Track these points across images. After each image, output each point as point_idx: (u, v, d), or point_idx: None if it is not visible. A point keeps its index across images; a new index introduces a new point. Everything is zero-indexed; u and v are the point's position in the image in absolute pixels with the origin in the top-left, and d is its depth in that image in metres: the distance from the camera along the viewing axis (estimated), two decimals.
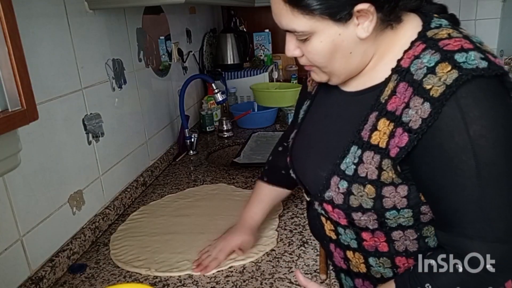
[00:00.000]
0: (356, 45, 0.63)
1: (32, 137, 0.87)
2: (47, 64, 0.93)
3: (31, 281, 0.84)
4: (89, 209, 1.08)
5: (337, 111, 0.74)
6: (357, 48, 0.64)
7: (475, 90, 0.54)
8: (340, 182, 0.66)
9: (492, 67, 0.54)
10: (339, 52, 0.64)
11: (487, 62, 0.55)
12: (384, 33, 0.64)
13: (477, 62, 0.54)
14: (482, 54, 0.56)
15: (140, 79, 1.41)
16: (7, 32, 0.58)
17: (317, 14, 0.60)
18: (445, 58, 0.56)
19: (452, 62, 0.55)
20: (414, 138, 0.57)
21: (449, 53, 0.56)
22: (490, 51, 0.58)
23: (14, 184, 0.82)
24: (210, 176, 1.43)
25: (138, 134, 1.40)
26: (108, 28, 1.21)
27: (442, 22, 0.64)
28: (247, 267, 0.90)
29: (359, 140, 0.65)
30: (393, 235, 0.67)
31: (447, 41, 0.58)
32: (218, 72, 2.26)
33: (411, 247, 0.67)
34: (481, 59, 0.55)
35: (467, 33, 0.62)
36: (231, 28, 2.45)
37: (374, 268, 0.72)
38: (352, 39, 0.63)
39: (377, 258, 0.70)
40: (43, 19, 0.92)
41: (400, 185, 0.62)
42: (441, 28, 0.62)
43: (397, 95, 0.61)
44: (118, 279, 0.90)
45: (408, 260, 0.69)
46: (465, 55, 0.55)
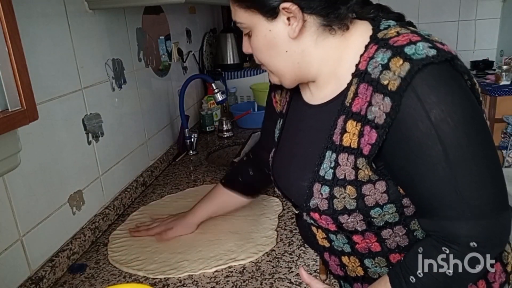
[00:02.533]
0: (290, 44, 0.66)
1: (32, 137, 0.87)
2: (47, 64, 0.93)
3: (31, 281, 0.84)
4: (89, 209, 1.08)
5: (309, 124, 0.76)
6: (292, 47, 0.67)
7: (429, 77, 0.57)
8: (322, 188, 0.68)
9: (440, 54, 0.57)
10: (274, 49, 0.68)
11: (435, 50, 0.57)
12: (326, 39, 0.67)
13: (426, 51, 0.57)
14: (430, 43, 0.58)
15: (140, 79, 1.41)
16: (7, 32, 0.58)
17: (248, 6, 0.66)
18: (396, 53, 0.59)
19: (403, 56, 0.58)
20: (382, 132, 0.59)
21: (399, 48, 0.59)
22: (438, 40, 0.61)
23: (14, 184, 0.82)
24: (210, 176, 1.43)
25: (138, 134, 1.40)
26: (108, 28, 1.21)
27: (390, 23, 0.67)
28: (247, 267, 0.90)
29: (332, 144, 0.67)
30: (383, 234, 0.68)
31: (396, 38, 0.61)
32: (218, 72, 2.26)
33: (402, 243, 0.69)
34: (429, 48, 0.58)
35: (414, 29, 0.65)
36: (231, 28, 2.45)
37: (371, 269, 0.73)
38: (284, 37, 0.66)
39: (372, 259, 0.71)
40: (43, 19, 0.92)
41: (377, 181, 0.64)
42: (389, 28, 0.65)
43: (359, 96, 0.63)
44: (118, 279, 0.90)
45: (401, 256, 0.70)
46: (413, 47, 0.58)
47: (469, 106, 0.58)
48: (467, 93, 0.59)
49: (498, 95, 2.51)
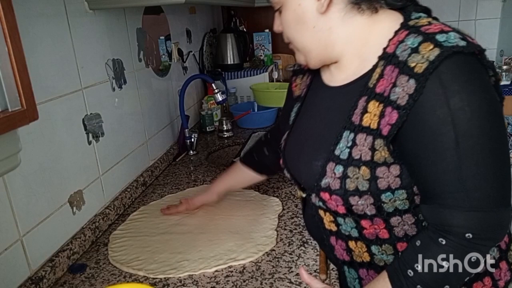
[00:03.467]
0: (317, 20, 0.68)
1: (32, 137, 0.87)
2: (47, 64, 0.93)
3: (31, 281, 0.84)
4: (89, 209, 1.08)
5: (327, 105, 0.76)
6: (320, 23, 0.68)
7: (455, 65, 0.58)
8: (335, 167, 0.68)
9: (470, 45, 0.58)
10: (302, 25, 0.70)
11: (466, 41, 0.58)
12: (353, 17, 0.68)
13: (457, 41, 0.58)
14: (461, 35, 0.60)
15: (140, 79, 1.41)
16: (7, 32, 0.58)
17: None
18: (427, 38, 0.60)
19: (434, 41, 0.59)
20: (403, 114, 0.60)
21: (430, 34, 0.60)
22: (468, 34, 0.61)
23: (14, 184, 0.82)
24: (210, 176, 1.43)
25: (138, 134, 1.40)
26: (108, 28, 1.21)
27: (421, 14, 0.68)
28: (247, 267, 0.90)
29: (351, 124, 0.67)
30: (391, 221, 0.68)
31: (428, 26, 0.62)
32: (218, 72, 2.26)
33: (410, 232, 0.68)
34: (460, 39, 0.59)
35: (443, 23, 0.65)
36: (231, 28, 2.45)
37: (377, 256, 0.72)
38: (312, 12, 0.68)
39: (379, 245, 0.71)
40: (43, 19, 0.92)
41: (392, 164, 0.64)
42: (421, 18, 0.66)
43: (384, 78, 0.63)
44: (118, 279, 0.90)
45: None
46: (445, 35, 0.59)
47: (488, 100, 0.58)
48: (488, 87, 0.59)
49: None
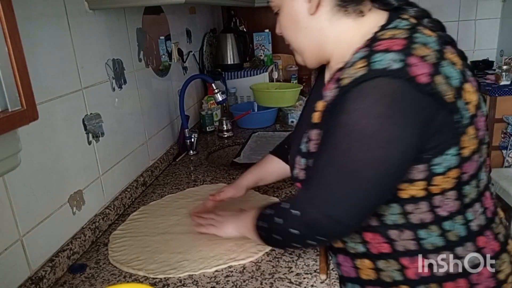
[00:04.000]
0: (309, 21, 0.73)
1: (32, 137, 0.87)
2: (47, 64, 0.93)
3: (31, 281, 0.84)
4: (89, 209, 1.08)
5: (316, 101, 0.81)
6: (311, 24, 0.73)
7: (367, 88, 0.62)
8: (300, 160, 0.77)
9: (401, 71, 0.60)
10: (296, 25, 0.75)
11: (401, 65, 0.60)
12: (340, 19, 0.72)
13: (389, 63, 0.60)
14: (405, 56, 0.61)
15: (140, 79, 1.41)
16: (7, 32, 0.58)
17: None
18: (366, 55, 0.63)
19: (368, 60, 0.62)
20: (324, 114, 0.71)
21: (372, 52, 0.63)
22: (423, 55, 0.62)
23: (14, 184, 0.82)
24: (210, 176, 1.43)
25: (138, 134, 1.40)
26: (108, 28, 1.21)
27: (402, 23, 0.68)
28: (247, 267, 0.90)
29: (309, 121, 0.75)
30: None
31: (384, 42, 0.64)
32: (218, 72, 2.26)
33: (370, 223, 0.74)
34: (396, 62, 0.60)
35: (416, 36, 0.65)
36: (231, 28, 2.45)
37: (348, 244, 0.77)
38: (304, 14, 0.73)
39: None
40: (43, 19, 0.92)
41: None
42: (393, 30, 0.67)
43: (331, 81, 0.71)
44: (118, 279, 0.90)
45: (369, 234, 0.74)
46: (383, 55, 0.62)
47: (373, 128, 0.62)
48: (389, 115, 0.61)
49: (498, 95, 2.51)
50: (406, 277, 0.72)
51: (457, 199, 0.68)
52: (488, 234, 0.72)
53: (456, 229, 0.69)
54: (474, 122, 0.66)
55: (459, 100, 0.63)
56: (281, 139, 1.14)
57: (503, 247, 0.74)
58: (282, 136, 1.82)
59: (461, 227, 0.69)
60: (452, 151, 0.64)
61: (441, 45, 0.66)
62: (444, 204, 0.68)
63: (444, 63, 0.63)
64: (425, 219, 0.69)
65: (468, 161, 0.66)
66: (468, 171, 0.67)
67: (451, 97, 0.62)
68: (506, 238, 0.75)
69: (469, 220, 0.70)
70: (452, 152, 0.65)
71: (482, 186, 0.72)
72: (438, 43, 0.66)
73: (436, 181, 0.66)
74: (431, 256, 0.70)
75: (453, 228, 0.69)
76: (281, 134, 1.84)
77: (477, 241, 0.70)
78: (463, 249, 0.70)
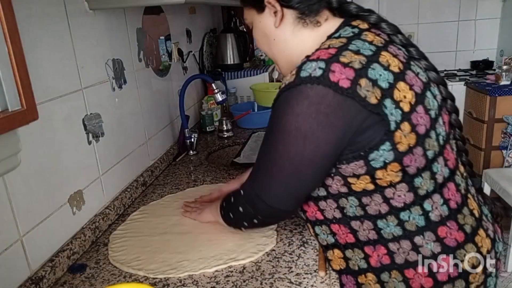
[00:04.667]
0: (275, 33, 0.81)
1: (32, 137, 0.87)
2: (47, 64, 0.93)
3: (31, 281, 0.84)
4: (89, 209, 1.08)
5: None
6: (278, 35, 0.81)
7: (293, 92, 0.70)
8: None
9: (321, 78, 0.68)
10: (265, 37, 0.83)
11: (321, 73, 0.68)
12: (300, 30, 0.80)
13: (311, 71, 0.68)
14: (327, 64, 0.68)
15: (140, 79, 1.41)
16: (7, 32, 0.58)
17: (246, 5, 0.84)
18: (301, 64, 0.71)
19: (299, 68, 0.71)
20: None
21: (306, 61, 0.71)
22: (347, 62, 0.69)
23: (14, 184, 0.82)
24: (210, 176, 1.43)
25: (138, 134, 1.40)
26: (108, 28, 1.21)
27: (346, 31, 0.76)
28: (247, 267, 0.90)
29: None
30: (320, 204, 0.81)
31: (319, 52, 0.72)
32: (218, 72, 2.26)
33: (337, 214, 0.80)
34: (319, 69, 0.68)
35: (361, 43, 0.72)
36: (231, 28, 2.45)
37: (320, 236, 0.84)
38: (271, 27, 0.81)
39: (320, 226, 0.83)
40: (43, 19, 0.92)
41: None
42: (334, 39, 0.75)
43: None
44: (118, 279, 0.90)
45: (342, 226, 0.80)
46: (310, 64, 0.70)
47: (292, 125, 0.71)
48: (309, 114, 0.69)
49: (498, 95, 2.51)
50: (370, 265, 0.78)
51: (409, 191, 0.73)
52: (451, 224, 0.76)
53: (413, 219, 0.74)
54: (409, 118, 0.70)
55: (386, 100, 0.69)
56: None
57: (469, 238, 0.77)
58: None
59: (420, 217, 0.74)
60: (385, 146, 0.70)
61: (380, 49, 0.72)
62: (396, 196, 0.73)
63: (374, 66, 0.69)
64: (381, 211, 0.74)
65: (408, 155, 0.71)
66: (410, 164, 0.71)
67: (374, 98, 0.68)
68: (475, 229, 0.78)
69: (427, 211, 0.74)
70: (386, 147, 0.70)
71: (441, 178, 0.75)
72: (376, 48, 0.72)
73: (379, 175, 0.72)
74: (391, 245, 0.75)
75: (410, 219, 0.74)
76: None
77: (438, 231, 0.75)
78: (422, 238, 0.74)
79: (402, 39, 0.78)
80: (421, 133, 0.72)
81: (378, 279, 0.78)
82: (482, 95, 2.59)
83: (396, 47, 0.76)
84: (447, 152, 0.78)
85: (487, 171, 2.42)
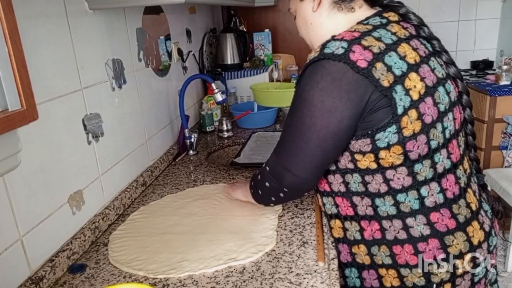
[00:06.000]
0: (313, 17, 0.89)
1: (32, 137, 0.87)
2: (47, 64, 0.93)
3: (31, 281, 0.84)
4: (89, 209, 1.08)
5: None
6: (315, 20, 0.89)
7: (317, 67, 0.77)
8: None
9: (342, 55, 0.75)
10: (305, 23, 0.91)
11: (342, 51, 0.75)
12: (335, 15, 0.87)
13: (334, 49, 0.76)
14: (349, 45, 0.76)
15: (140, 79, 1.41)
16: (7, 32, 0.58)
17: None
18: (326, 42, 0.79)
19: (323, 45, 0.79)
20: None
21: (330, 40, 0.79)
22: (367, 45, 0.76)
23: (14, 184, 0.82)
24: (210, 176, 1.43)
25: (138, 134, 1.40)
26: (108, 28, 1.21)
27: (375, 20, 0.83)
28: (247, 267, 0.90)
29: None
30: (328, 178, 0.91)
31: (344, 33, 0.80)
32: (218, 72, 2.26)
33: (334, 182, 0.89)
34: (341, 48, 0.76)
35: (384, 32, 0.80)
36: (231, 28, 2.45)
37: (326, 206, 0.93)
38: (309, 11, 0.89)
39: (326, 197, 0.93)
40: (43, 19, 0.92)
41: None
42: (362, 25, 0.82)
43: None
44: (118, 279, 0.90)
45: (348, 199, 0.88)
46: (333, 43, 0.78)
47: (317, 99, 0.77)
48: (326, 87, 0.76)
49: (498, 95, 2.51)
50: (364, 238, 0.87)
51: (408, 175, 0.80)
52: (444, 212, 0.82)
53: (409, 202, 0.81)
54: (417, 106, 0.77)
55: (397, 86, 0.75)
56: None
57: (461, 226, 0.83)
58: None
59: (415, 201, 0.81)
60: (391, 129, 0.76)
61: (401, 41, 0.79)
62: (396, 178, 0.80)
63: (391, 54, 0.76)
64: (381, 190, 0.82)
65: (411, 140, 0.77)
66: (413, 149, 0.78)
67: (386, 82, 0.75)
68: (469, 220, 0.84)
69: (423, 196, 0.81)
70: (392, 129, 0.76)
71: (442, 169, 0.82)
72: (398, 39, 0.79)
73: (382, 155, 0.78)
74: (384, 222, 0.83)
75: (406, 201, 0.81)
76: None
77: (430, 216, 0.82)
78: (414, 220, 0.82)
79: (427, 31, 0.85)
80: (427, 123, 0.78)
81: (368, 251, 0.87)
82: (482, 95, 2.59)
83: (419, 41, 0.83)
84: (452, 146, 0.83)
85: (487, 171, 2.42)
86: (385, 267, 0.86)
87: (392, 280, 0.86)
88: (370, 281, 0.89)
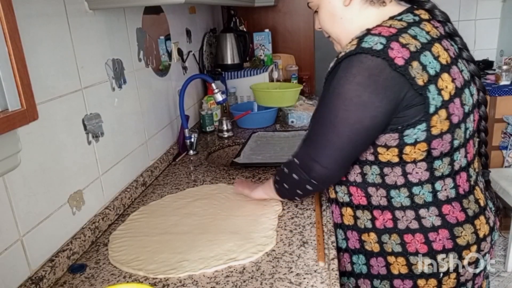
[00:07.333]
0: (343, 12, 0.88)
1: (32, 137, 0.87)
2: (47, 64, 0.93)
3: (31, 281, 0.84)
4: (89, 209, 1.08)
5: None
6: (345, 14, 0.88)
7: (354, 61, 0.77)
8: None
9: (380, 51, 0.75)
10: (332, 17, 0.90)
11: (381, 47, 0.75)
12: (367, 9, 0.86)
13: (372, 44, 0.76)
14: (388, 41, 0.76)
15: (140, 79, 1.41)
16: (7, 32, 0.58)
17: None
18: (362, 36, 0.79)
19: (360, 39, 0.78)
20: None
21: (367, 34, 0.78)
22: (405, 43, 0.76)
23: (14, 184, 0.82)
24: (210, 176, 1.43)
25: (138, 134, 1.40)
26: (108, 28, 1.21)
27: (408, 17, 0.83)
28: (247, 267, 0.90)
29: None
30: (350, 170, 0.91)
31: (381, 28, 0.79)
32: (218, 72, 2.26)
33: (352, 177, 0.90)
34: (380, 44, 0.76)
35: (419, 30, 0.80)
36: (231, 28, 2.45)
37: (338, 194, 0.94)
38: (339, 6, 0.88)
39: (339, 185, 0.94)
40: (43, 19, 0.92)
41: None
42: (396, 20, 0.81)
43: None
44: (118, 279, 0.90)
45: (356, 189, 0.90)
46: (371, 37, 0.77)
47: (350, 90, 0.77)
48: (362, 83, 0.76)
49: (498, 95, 2.51)
50: (375, 226, 0.88)
51: (427, 170, 0.82)
52: (455, 205, 0.85)
53: (423, 194, 0.84)
54: (447, 107, 0.78)
55: (431, 85, 0.76)
56: (281, 139, 1.15)
57: (469, 219, 0.86)
58: (282, 136, 1.83)
59: (429, 194, 0.84)
60: (421, 126, 0.78)
61: (434, 40, 0.80)
62: (415, 172, 0.82)
63: (426, 53, 0.77)
64: (397, 182, 0.83)
65: (437, 138, 0.79)
66: (437, 147, 0.80)
67: (421, 81, 0.76)
68: (477, 215, 0.87)
69: (437, 190, 0.84)
70: (422, 127, 0.78)
71: (458, 166, 0.84)
72: (431, 38, 0.80)
73: (406, 151, 0.80)
74: (397, 213, 0.86)
75: (420, 193, 0.84)
76: (281, 134, 1.84)
77: (442, 208, 0.84)
78: (426, 211, 0.84)
79: (451, 28, 0.87)
80: (454, 123, 0.80)
81: (379, 239, 0.88)
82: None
83: (449, 42, 0.84)
84: (469, 146, 0.87)
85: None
86: (395, 255, 0.88)
87: (401, 268, 0.88)
88: (378, 268, 0.90)
